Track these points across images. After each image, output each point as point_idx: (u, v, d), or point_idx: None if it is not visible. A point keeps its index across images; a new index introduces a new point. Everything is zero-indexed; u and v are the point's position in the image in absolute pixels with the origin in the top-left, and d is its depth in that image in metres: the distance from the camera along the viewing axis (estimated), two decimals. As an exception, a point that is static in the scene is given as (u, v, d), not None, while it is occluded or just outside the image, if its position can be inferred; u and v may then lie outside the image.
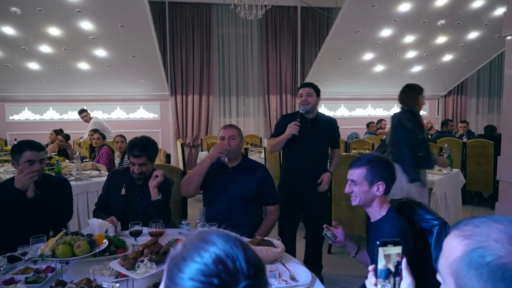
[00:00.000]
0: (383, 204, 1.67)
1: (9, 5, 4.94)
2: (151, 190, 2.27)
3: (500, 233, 0.66)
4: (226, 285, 0.61)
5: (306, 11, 7.79)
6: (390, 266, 0.98)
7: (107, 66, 6.57)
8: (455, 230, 0.72)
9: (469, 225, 0.71)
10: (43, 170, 2.22)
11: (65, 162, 4.64)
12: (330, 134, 3.01)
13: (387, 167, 1.67)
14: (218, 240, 0.65)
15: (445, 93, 8.87)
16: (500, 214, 2.28)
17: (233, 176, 2.38)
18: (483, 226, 0.69)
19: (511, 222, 0.69)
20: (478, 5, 5.79)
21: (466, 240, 0.69)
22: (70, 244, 1.62)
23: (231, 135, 2.43)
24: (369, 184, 1.63)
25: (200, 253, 0.63)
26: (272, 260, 1.75)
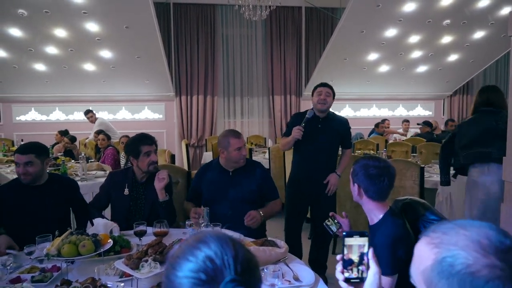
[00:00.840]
0: (375, 207, 1.67)
1: (16, 7, 4.99)
2: (159, 192, 2.28)
3: (467, 240, 0.67)
4: (212, 280, 0.65)
5: (310, 12, 7.78)
6: (353, 256, 1.04)
7: (112, 67, 6.62)
8: (425, 237, 0.73)
9: (437, 232, 0.71)
10: (32, 173, 2.18)
11: (71, 162, 4.68)
12: (341, 134, 3.01)
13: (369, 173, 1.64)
14: (211, 240, 0.69)
15: (450, 93, 8.82)
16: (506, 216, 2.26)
17: (233, 180, 2.38)
18: (451, 233, 0.69)
19: (477, 227, 0.69)
20: (484, 4, 5.74)
21: (436, 248, 0.69)
22: (76, 243, 1.64)
23: (245, 144, 2.49)
24: (352, 183, 1.71)
25: (194, 253, 0.68)
26: (276, 260, 1.76)
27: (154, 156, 2.38)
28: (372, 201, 1.66)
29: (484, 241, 0.66)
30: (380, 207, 1.66)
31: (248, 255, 0.71)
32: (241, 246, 0.71)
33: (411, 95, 8.62)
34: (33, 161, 2.18)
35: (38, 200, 2.23)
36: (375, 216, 1.68)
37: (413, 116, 8.63)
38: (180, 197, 2.99)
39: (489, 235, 0.66)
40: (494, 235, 0.67)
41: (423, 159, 4.83)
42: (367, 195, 1.66)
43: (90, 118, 6.59)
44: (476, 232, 0.67)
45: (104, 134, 5.29)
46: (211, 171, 2.52)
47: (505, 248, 0.65)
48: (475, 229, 0.68)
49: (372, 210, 1.68)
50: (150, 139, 2.42)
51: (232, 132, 2.46)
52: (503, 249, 0.65)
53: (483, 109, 2.96)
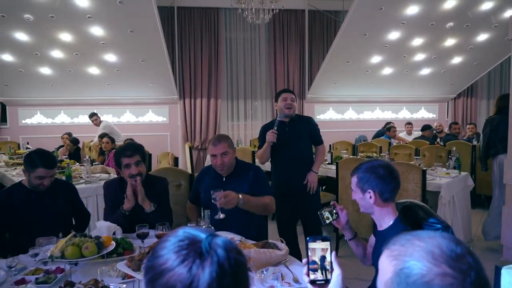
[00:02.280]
0: (387, 212, 1.64)
1: (23, 12, 5.07)
2: (142, 204, 2.25)
3: (421, 251, 0.69)
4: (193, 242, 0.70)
5: (313, 15, 7.81)
6: (316, 258, 1.09)
7: (117, 71, 6.68)
8: (386, 250, 0.75)
9: (396, 245, 0.74)
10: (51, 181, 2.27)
11: (76, 165, 4.72)
12: (309, 132, 3.14)
13: (380, 174, 1.60)
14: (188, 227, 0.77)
15: (454, 95, 8.79)
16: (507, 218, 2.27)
17: (227, 185, 2.37)
18: (407, 245, 0.72)
19: (431, 237, 0.71)
20: (487, 7, 5.74)
21: (394, 260, 0.71)
22: (79, 245, 1.66)
23: (223, 152, 2.34)
24: (362, 192, 1.64)
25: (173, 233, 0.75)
26: (276, 262, 1.77)
27: (134, 168, 2.26)
28: (386, 205, 1.63)
29: (436, 250, 0.68)
30: (391, 211, 1.64)
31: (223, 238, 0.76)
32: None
33: (414, 98, 8.61)
34: (55, 172, 2.31)
35: (42, 203, 2.27)
36: (384, 221, 1.65)
37: (417, 118, 8.62)
38: (182, 200, 3.02)
39: (441, 245, 0.69)
40: (446, 243, 0.69)
41: (426, 162, 4.83)
42: (383, 197, 1.61)
43: (94, 121, 6.65)
44: (429, 242, 0.70)
45: (108, 137, 5.34)
46: (208, 175, 2.53)
47: (455, 256, 0.67)
48: (429, 239, 0.71)
49: (384, 216, 1.64)
50: (130, 150, 2.30)
51: (213, 139, 2.43)
52: (453, 257, 0.67)
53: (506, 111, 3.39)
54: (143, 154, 2.35)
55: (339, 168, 3.76)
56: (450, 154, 4.63)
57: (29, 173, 2.20)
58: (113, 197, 2.37)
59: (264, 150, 3.04)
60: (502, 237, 2.44)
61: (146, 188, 2.35)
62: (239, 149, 5.54)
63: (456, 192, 3.86)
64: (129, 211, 2.25)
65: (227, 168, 2.40)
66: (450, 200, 3.74)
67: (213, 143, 2.39)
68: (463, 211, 4.01)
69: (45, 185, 2.21)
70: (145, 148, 2.55)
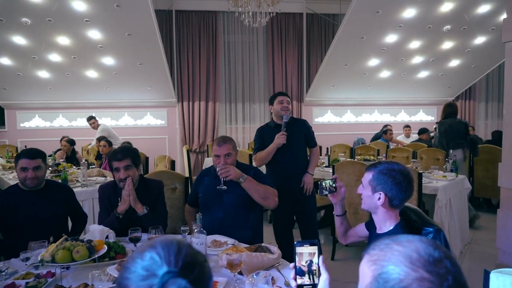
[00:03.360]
0: (390, 216, 1.59)
1: (20, 16, 5.08)
2: (134, 207, 2.25)
3: (399, 256, 0.69)
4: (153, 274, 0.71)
5: (311, 18, 7.83)
6: (303, 263, 1.09)
7: (115, 74, 6.69)
8: (366, 255, 0.75)
9: (375, 249, 0.73)
10: (40, 177, 2.28)
11: (72, 168, 4.72)
12: (304, 134, 3.18)
13: (398, 181, 1.53)
14: (158, 244, 0.76)
15: (453, 98, 8.79)
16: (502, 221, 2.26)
17: (227, 185, 2.39)
18: (386, 250, 0.71)
19: (410, 242, 0.71)
20: (484, 10, 5.75)
21: (373, 265, 0.71)
22: (70, 249, 1.66)
23: (227, 153, 2.37)
24: (372, 190, 1.58)
25: (141, 255, 0.75)
26: (268, 266, 1.76)
27: (122, 173, 2.26)
28: (392, 210, 1.58)
29: (414, 255, 0.68)
30: (394, 216, 1.60)
31: (192, 252, 0.76)
32: (187, 246, 0.77)
33: (413, 101, 8.62)
34: (41, 165, 2.29)
35: (38, 204, 2.28)
36: (385, 225, 1.61)
37: (415, 121, 8.61)
38: (178, 203, 3.02)
39: (418, 249, 0.69)
40: (424, 248, 0.69)
41: (424, 165, 4.83)
42: (392, 203, 1.55)
43: (92, 124, 6.65)
44: (408, 247, 0.70)
45: (106, 141, 5.34)
46: (208, 176, 2.54)
47: (433, 260, 0.67)
48: (407, 243, 0.70)
49: (386, 220, 1.60)
50: (121, 153, 2.30)
51: (217, 139, 2.44)
52: (431, 262, 0.67)
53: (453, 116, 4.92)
54: (135, 159, 2.34)
55: (335, 171, 3.76)
56: (447, 156, 4.63)
57: (16, 169, 2.28)
58: (108, 201, 2.37)
59: (269, 152, 3.03)
60: (497, 241, 2.43)
61: (141, 191, 2.35)
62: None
63: (453, 195, 3.86)
64: (123, 214, 2.25)
65: None
66: (447, 203, 3.73)
67: (218, 143, 2.41)
68: (460, 214, 4.00)
69: (29, 177, 2.22)
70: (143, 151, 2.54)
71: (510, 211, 2.21)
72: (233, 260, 1.57)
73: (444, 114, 4.95)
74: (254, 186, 2.34)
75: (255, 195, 2.34)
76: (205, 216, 2.47)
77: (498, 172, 2.29)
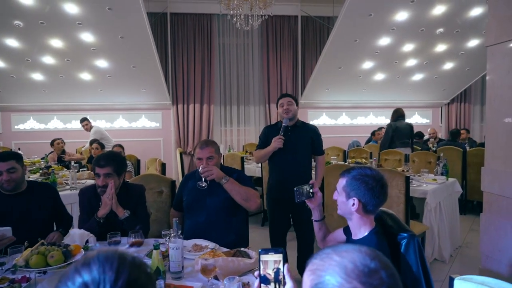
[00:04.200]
0: (365, 223, 1.58)
1: (12, 19, 5.08)
2: (115, 210, 2.24)
3: (336, 266, 0.68)
4: None
5: (306, 21, 7.84)
6: (269, 271, 1.08)
7: (108, 76, 6.69)
8: (309, 264, 0.74)
9: (317, 259, 0.73)
10: (16, 179, 2.23)
11: (63, 171, 4.71)
12: (311, 140, 3.12)
13: (371, 186, 1.53)
14: (95, 263, 0.68)
15: (448, 101, 8.80)
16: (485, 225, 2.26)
17: (210, 188, 2.38)
18: (326, 259, 0.71)
19: (348, 252, 0.70)
20: (476, 13, 5.76)
21: (312, 275, 0.71)
22: (44, 254, 1.65)
23: (209, 156, 2.38)
24: (346, 196, 1.58)
25: (73, 278, 0.67)
26: (245, 271, 1.76)
27: (102, 180, 2.24)
28: (366, 216, 1.57)
29: (349, 265, 0.67)
30: (369, 222, 1.59)
31: (134, 276, 0.68)
32: (129, 267, 0.69)
33: (408, 103, 8.61)
34: (15, 166, 2.23)
35: (20, 207, 2.25)
36: (359, 231, 1.60)
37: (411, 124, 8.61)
38: (164, 206, 3.02)
39: (355, 259, 0.68)
40: (361, 258, 0.68)
41: (415, 168, 4.82)
42: (366, 209, 1.55)
43: (85, 126, 6.60)
44: (345, 257, 0.69)
45: (98, 143, 5.33)
46: (192, 179, 2.54)
47: (368, 271, 0.66)
48: (346, 254, 0.70)
49: (361, 226, 1.59)
50: (103, 160, 2.27)
51: (200, 143, 2.45)
52: (366, 273, 0.66)
53: (401, 119, 5.59)
54: (118, 167, 2.29)
55: (325, 174, 3.75)
56: (438, 160, 4.62)
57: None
58: (88, 204, 2.35)
59: (266, 153, 3.03)
60: (480, 245, 2.43)
61: (122, 195, 2.34)
62: (229, 155, 5.54)
63: (443, 199, 3.84)
64: (103, 218, 2.24)
65: None
66: (436, 207, 3.73)
67: (200, 146, 2.42)
68: (450, 218, 3.99)
69: (5, 180, 2.18)
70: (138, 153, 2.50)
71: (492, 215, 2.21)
72: (207, 265, 1.57)
73: (394, 117, 5.59)
74: (236, 187, 2.34)
75: (237, 196, 2.34)
76: (188, 220, 2.47)
77: (481, 176, 2.28)
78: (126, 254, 0.72)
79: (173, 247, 1.73)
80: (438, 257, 3.75)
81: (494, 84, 2.39)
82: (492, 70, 2.39)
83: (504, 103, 2.29)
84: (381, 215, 1.75)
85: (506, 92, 2.27)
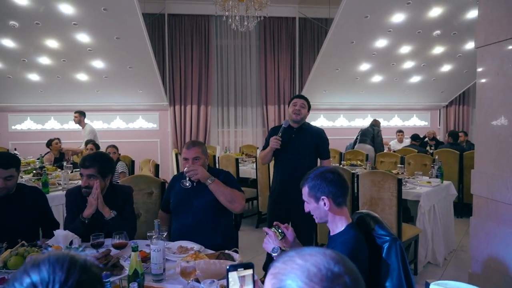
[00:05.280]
0: (340, 218, 1.64)
1: (8, 19, 5.08)
2: (102, 211, 2.22)
3: (298, 270, 0.66)
4: None
5: (304, 22, 7.83)
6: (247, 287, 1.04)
7: (105, 77, 6.69)
8: (271, 268, 0.72)
9: (279, 262, 0.71)
10: (10, 186, 2.19)
11: (57, 171, 4.69)
12: (316, 144, 3.07)
13: (330, 178, 1.60)
14: (45, 264, 0.67)
15: (446, 103, 8.78)
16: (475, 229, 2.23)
17: (197, 190, 2.36)
18: (288, 263, 0.68)
19: (312, 255, 0.68)
20: (473, 15, 5.73)
21: (273, 279, 0.69)
22: (23, 255, 1.64)
23: (195, 156, 2.36)
24: (315, 201, 1.62)
25: (21, 279, 0.66)
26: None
27: (84, 180, 2.23)
28: (340, 211, 1.62)
29: (312, 269, 0.65)
30: (344, 218, 1.64)
31: (85, 277, 0.68)
32: (80, 268, 0.69)
33: (406, 105, 8.60)
34: (13, 174, 2.18)
35: (8, 209, 2.23)
36: (336, 227, 1.65)
37: (409, 126, 8.60)
38: (154, 208, 3.00)
39: (319, 263, 0.66)
40: (325, 262, 0.66)
41: (410, 171, 4.80)
42: (336, 202, 1.60)
43: (75, 118, 6.31)
44: (308, 260, 0.67)
45: (93, 144, 5.31)
46: (179, 181, 2.52)
47: (331, 276, 0.64)
48: (309, 257, 0.68)
49: (337, 222, 1.64)
50: (88, 161, 2.24)
51: (187, 143, 2.43)
52: (329, 277, 0.64)
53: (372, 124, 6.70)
54: (102, 169, 2.27)
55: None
56: (433, 162, 4.60)
57: None
58: (74, 205, 2.33)
59: (266, 153, 3.03)
60: (470, 249, 2.41)
61: (109, 196, 2.32)
62: (224, 157, 5.52)
63: (437, 201, 3.82)
64: (88, 219, 2.22)
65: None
66: (430, 209, 3.70)
67: (187, 146, 2.41)
68: (445, 221, 3.96)
69: (2, 188, 2.13)
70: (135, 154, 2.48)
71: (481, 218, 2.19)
72: (186, 268, 1.55)
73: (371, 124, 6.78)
74: (221, 188, 2.32)
75: (222, 197, 2.31)
76: (175, 222, 2.45)
77: (471, 179, 2.27)
78: (78, 256, 0.72)
79: (154, 249, 1.71)
80: (432, 260, 3.73)
81: (484, 86, 2.37)
82: (482, 72, 2.37)
83: (493, 105, 2.27)
84: (364, 217, 1.73)
85: (496, 95, 2.25)
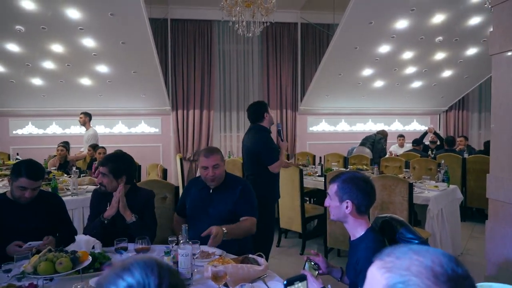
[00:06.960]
0: (360, 223, 1.66)
1: (14, 24, 5.07)
2: (123, 213, 2.25)
3: (420, 266, 0.65)
4: None
5: (306, 28, 7.89)
6: None
7: (109, 82, 6.68)
8: (378, 261, 0.71)
9: (391, 256, 0.69)
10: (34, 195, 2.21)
11: (64, 177, 4.67)
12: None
13: (362, 187, 1.62)
14: (135, 268, 0.68)
15: (446, 108, 8.86)
16: (491, 233, 2.27)
17: (213, 198, 2.35)
18: (404, 258, 0.67)
19: (431, 253, 0.67)
20: (475, 22, 5.83)
21: (388, 273, 0.67)
22: (53, 261, 1.63)
23: (215, 164, 2.33)
24: (339, 201, 1.65)
25: (115, 282, 0.67)
26: (255, 277, 1.75)
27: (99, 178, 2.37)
28: (360, 217, 1.64)
29: (437, 268, 0.64)
30: (364, 223, 1.66)
31: (174, 281, 0.70)
32: (168, 272, 0.71)
33: (406, 110, 8.67)
34: (40, 185, 2.23)
35: (25, 215, 2.22)
36: (356, 231, 1.67)
37: (409, 131, 8.66)
38: (167, 212, 2.99)
39: (442, 262, 0.65)
40: (447, 262, 0.65)
41: (416, 175, 4.84)
42: (359, 210, 1.62)
43: (80, 119, 6.27)
44: (429, 258, 0.66)
45: (103, 148, 5.31)
46: (196, 186, 2.52)
47: (456, 277, 0.64)
48: (429, 255, 0.67)
49: (357, 227, 1.66)
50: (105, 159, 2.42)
51: (204, 150, 2.41)
52: (454, 278, 0.63)
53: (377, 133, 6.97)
54: (115, 169, 2.32)
55: (327, 180, 3.76)
56: (439, 167, 4.64)
57: (12, 182, 2.15)
58: (97, 205, 2.38)
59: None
60: (486, 252, 2.44)
61: (131, 198, 2.33)
62: (230, 161, 5.53)
63: (444, 205, 3.86)
64: (108, 220, 2.24)
65: (217, 181, 2.39)
66: (438, 213, 3.74)
67: (205, 155, 2.37)
68: (451, 224, 4.00)
69: (26, 197, 2.15)
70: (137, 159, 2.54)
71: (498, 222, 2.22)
72: (217, 272, 1.56)
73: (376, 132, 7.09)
74: (236, 232, 2.25)
75: (240, 236, 2.31)
76: (192, 228, 2.45)
77: (487, 183, 2.30)
78: (162, 261, 0.74)
79: (182, 254, 1.71)
80: (440, 264, 3.75)
81: (499, 92, 2.42)
82: (497, 78, 2.42)
83: (509, 111, 2.31)
84: (390, 221, 1.75)
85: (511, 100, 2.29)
